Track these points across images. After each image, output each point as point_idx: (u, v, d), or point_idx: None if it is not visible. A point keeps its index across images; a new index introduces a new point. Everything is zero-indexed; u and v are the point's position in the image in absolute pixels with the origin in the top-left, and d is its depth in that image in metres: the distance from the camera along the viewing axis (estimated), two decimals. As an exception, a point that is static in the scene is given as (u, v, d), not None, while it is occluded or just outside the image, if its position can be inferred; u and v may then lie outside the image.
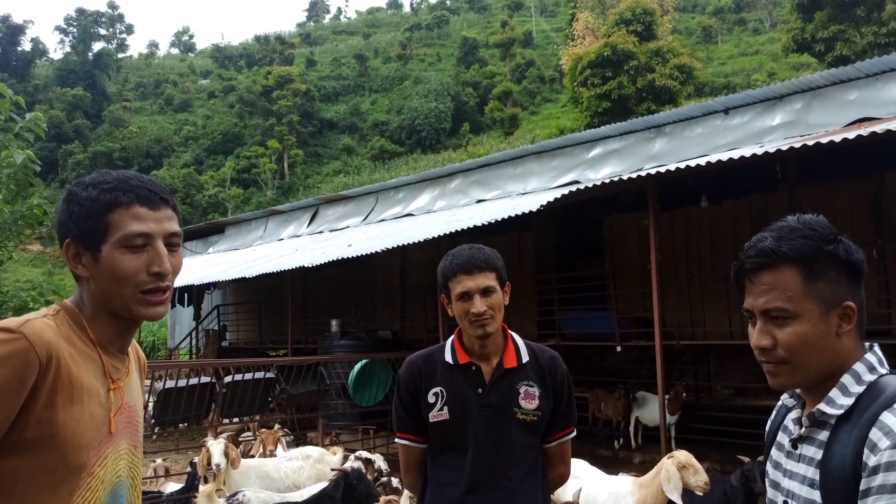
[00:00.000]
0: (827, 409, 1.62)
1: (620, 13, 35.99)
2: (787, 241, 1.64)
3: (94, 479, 1.66)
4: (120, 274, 1.69)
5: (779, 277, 1.63)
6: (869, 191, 10.38)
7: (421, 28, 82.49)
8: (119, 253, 1.69)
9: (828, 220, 1.70)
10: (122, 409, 1.77)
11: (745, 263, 1.70)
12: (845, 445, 1.56)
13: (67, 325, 1.69)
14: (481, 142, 51.74)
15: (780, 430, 1.83)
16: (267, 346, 19.06)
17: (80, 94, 65.14)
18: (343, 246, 12.13)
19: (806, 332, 1.61)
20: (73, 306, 1.75)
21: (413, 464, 2.94)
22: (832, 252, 1.63)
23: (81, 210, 1.70)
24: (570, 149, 12.27)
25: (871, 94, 8.96)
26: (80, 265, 1.72)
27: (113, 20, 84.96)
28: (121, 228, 1.69)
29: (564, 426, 2.91)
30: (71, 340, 1.66)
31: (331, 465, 7.78)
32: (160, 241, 1.74)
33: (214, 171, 56.50)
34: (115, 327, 1.77)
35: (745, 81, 44.21)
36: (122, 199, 1.71)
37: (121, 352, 1.81)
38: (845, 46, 27.47)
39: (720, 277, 11.37)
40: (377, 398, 12.38)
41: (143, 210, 1.73)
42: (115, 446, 1.73)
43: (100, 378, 1.71)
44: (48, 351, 1.57)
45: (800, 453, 1.70)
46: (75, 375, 1.62)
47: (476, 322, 2.70)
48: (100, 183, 1.74)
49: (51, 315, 1.69)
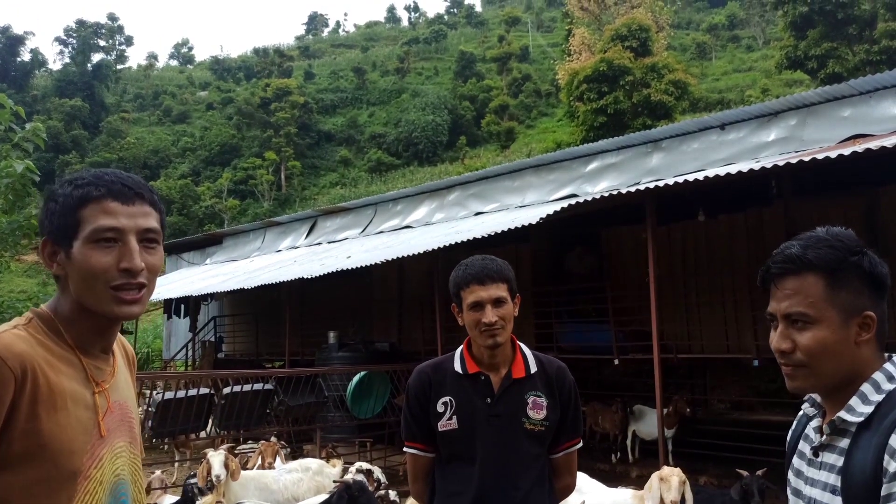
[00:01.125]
0: (847, 417, 1.65)
1: (616, 29, 36.17)
2: (814, 250, 1.68)
3: (91, 482, 1.64)
4: (89, 270, 1.64)
5: (803, 283, 1.67)
6: (863, 206, 10.46)
7: (419, 42, 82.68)
8: (88, 248, 1.65)
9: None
10: (111, 409, 1.74)
11: (772, 268, 1.74)
12: (866, 452, 1.59)
13: (42, 331, 1.66)
14: (478, 155, 51.79)
15: (802, 439, 1.86)
16: (263, 357, 19.02)
17: (78, 105, 65.06)
18: (342, 258, 12.16)
19: (825, 338, 1.65)
20: (47, 312, 1.71)
21: (421, 473, 2.95)
22: (856, 263, 1.66)
23: (56, 206, 1.68)
24: (568, 162, 12.35)
25: (864, 111, 9.06)
26: (56, 263, 1.69)
27: (113, 32, 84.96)
28: (91, 223, 1.65)
29: (571, 437, 2.93)
30: (47, 347, 1.63)
31: (330, 477, 7.78)
32: (132, 236, 1.68)
33: (211, 182, 56.48)
34: (94, 327, 1.72)
35: (738, 97, 44.39)
36: (93, 193, 1.67)
37: (103, 352, 1.78)
38: (838, 64, 27.68)
39: (717, 291, 11.43)
40: (375, 410, 12.37)
41: (114, 204, 1.68)
42: (109, 446, 1.71)
43: (83, 382, 1.68)
44: (21, 363, 1.54)
45: (821, 461, 1.73)
46: (54, 382, 1.59)
47: (487, 332, 2.73)
48: (75, 179, 1.71)
49: (22, 325, 1.65)
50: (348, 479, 6.35)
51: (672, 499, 5.59)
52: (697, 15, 73.95)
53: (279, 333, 16.74)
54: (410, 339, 15.81)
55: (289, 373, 12.30)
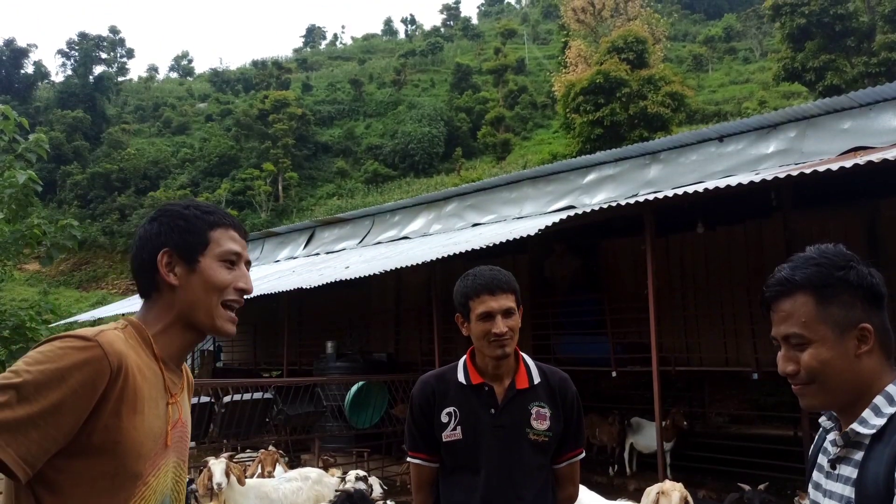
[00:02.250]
0: (860, 429, 1.67)
1: (613, 41, 36.24)
2: (801, 270, 1.72)
3: (147, 488, 1.74)
4: (214, 283, 1.87)
5: (794, 304, 1.71)
6: (863, 218, 10.46)
7: (415, 54, 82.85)
8: (217, 265, 1.89)
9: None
10: (178, 423, 1.87)
11: (766, 293, 1.79)
12: (879, 463, 1.60)
13: (134, 338, 1.79)
14: (474, 166, 51.83)
15: (821, 453, 1.88)
16: (261, 367, 19.03)
17: (79, 117, 65.28)
18: (340, 268, 12.16)
19: (822, 355, 1.68)
20: (139, 322, 1.85)
21: (425, 483, 2.95)
22: (842, 278, 1.69)
23: (187, 224, 1.90)
24: (566, 174, 12.35)
25: (864, 124, 9.04)
26: (172, 273, 1.86)
27: (114, 44, 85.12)
28: (221, 245, 1.91)
29: (574, 447, 2.95)
30: (137, 353, 1.76)
31: (329, 486, 7.78)
32: (243, 263, 1.98)
33: (210, 192, 56.46)
34: (183, 341, 1.91)
35: (735, 109, 44.52)
36: (223, 221, 1.96)
37: (178, 367, 1.93)
38: (836, 76, 27.70)
39: (716, 303, 11.41)
40: (373, 420, 12.37)
41: (236, 234, 1.98)
42: (167, 459, 1.81)
43: (160, 391, 1.80)
44: (119, 360, 1.66)
45: (838, 473, 1.74)
46: (140, 386, 1.71)
47: (496, 342, 2.73)
48: (199, 206, 1.97)
49: (120, 328, 1.78)
50: (350, 489, 6.33)
51: None
52: (694, 27, 74.19)
53: (277, 343, 16.74)
54: (408, 349, 15.80)
55: (288, 382, 12.31)
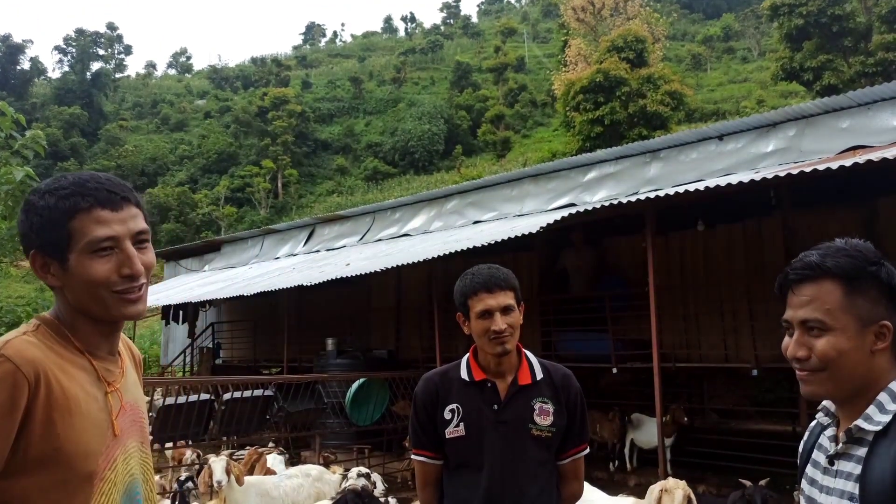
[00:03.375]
0: (865, 426, 1.67)
1: (612, 40, 36.36)
2: (832, 258, 1.71)
3: (105, 483, 1.66)
4: (91, 280, 1.65)
5: (820, 290, 1.70)
6: (862, 217, 10.48)
7: (415, 52, 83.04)
8: (87, 259, 1.65)
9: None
10: (124, 409, 1.76)
11: (790, 275, 1.77)
12: (885, 460, 1.60)
13: (51, 337, 1.67)
14: (474, 164, 51.99)
15: (816, 449, 1.87)
16: (261, 364, 19.05)
17: (77, 113, 65.53)
18: (341, 265, 12.17)
19: (840, 345, 1.67)
20: (52, 318, 1.72)
21: (429, 480, 2.96)
22: (874, 273, 1.69)
23: (41, 220, 1.66)
24: (566, 172, 12.36)
25: (863, 123, 9.06)
26: (49, 275, 1.69)
27: (112, 41, 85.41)
28: (85, 235, 1.65)
29: (578, 443, 2.94)
30: (57, 352, 1.64)
31: (330, 483, 7.81)
32: (128, 241, 1.69)
33: (209, 189, 56.71)
34: (98, 331, 1.74)
35: (734, 108, 44.68)
36: (81, 204, 1.65)
37: (110, 354, 1.79)
38: (833, 76, 27.83)
39: (715, 300, 11.47)
40: (374, 417, 12.41)
41: (105, 213, 1.67)
42: (123, 447, 1.73)
43: (95, 384, 1.69)
44: (34, 369, 1.55)
45: (836, 469, 1.74)
46: (67, 387, 1.60)
47: (496, 339, 2.75)
48: (56, 189, 1.68)
49: (31, 331, 1.66)
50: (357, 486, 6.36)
51: None
52: (693, 26, 74.43)
53: (277, 340, 16.75)
54: (408, 347, 15.83)
55: (288, 379, 12.34)
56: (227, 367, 19.25)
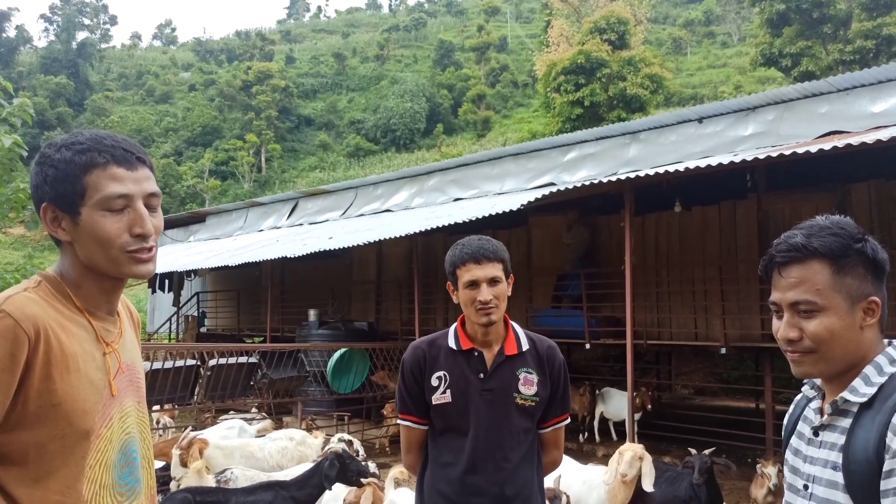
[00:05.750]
0: (850, 397, 1.69)
1: (595, 22, 36.40)
2: (818, 238, 1.70)
3: (102, 440, 1.68)
4: (102, 236, 1.66)
5: (808, 271, 1.70)
6: (835, 201, 10.53)
7: (399, 29, 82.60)
8: (100, 215, 1.66)
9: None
10: (121, 370, 1.77)
11: (776, 257, 1.76)
12: (869, 430, 1.63)
13: (51, 294, 1.68)
14: (454, 143, 52.03)
15: (801, 421, 1.90)
16: (244, 332, 19.28)
17: (63, 83, 64.91)
18: (324, 238, 12.33)
19: (833, 325, 1.68)
20: (55, 275, 1.72)
21: (414, 444, 3.05)
22: (860, 250, 1.69)
23: (56, 172, 1.66)
24: (547, 151, 12.50)
25: (841, 108, 9.17)
26: (60, 229, 1.70)
27: (97, 10, 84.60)
28: (99, 190, 1.66)
29: (559, 413, 3.02)
30: (57, 310, 1.65)
31: (312, 447, 7.96)
32: (140, 201, 1.71)
33: (193, 162, 56.46)
34: (102, 289, 1.75)
35: (712, 93, 44.81)
36: (97, 159, 1.67)
37: (109, 314, 1.80)
38: (811, 62, 27.96)
39: (688, 281, 11.71)
40: (354, 386, 12.72)
41: (120, 171, 1.69)
42: (119, 406, 1.74)
43: (93, 343, 1.71)
44: (35, 325, 1.56)
45: (821, 440, 1.77)
46: (66, 344, 1.62)
47: (482, 310, 2.81)
48: (73, 144, 1.69)
49: (32, 287, 1.67)
50: (338, 448, 6.58)
51: (622, 471, 5.82)
52: (675, 10, 74.29)
53: (260, 310, 16.99)
54: (388, 319, 16.10)
55: (272, 347, 12.60)
56: (211, 335, 19.44)
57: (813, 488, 1.76)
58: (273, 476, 6.66)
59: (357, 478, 6.04)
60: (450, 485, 2.86)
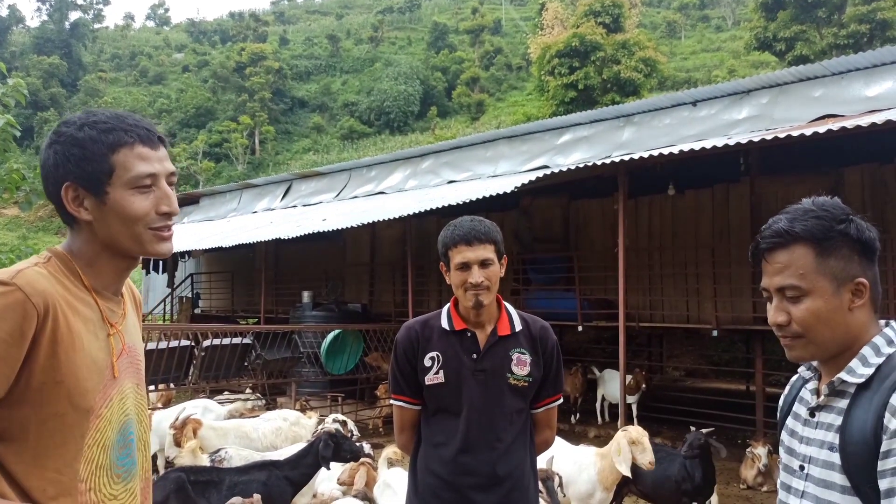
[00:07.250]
0: (847, 378, 1.69)
1: (590, 4, 36.35)
2: (800, 222, 1.70)
3: (101, 420, 1.68)
4: (130, 215, 1.67)
5: (792, 256, 1.70)
6: (828, 185, 10.53)
7: (393, 11, 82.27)
8: (129, 194, 1.67)
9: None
10: (124, 351, 1.77)
11: (761, 244, 1.77)
12: (866, 411, 1.63)
13: (60, 271, 1.68)
14: (448, 126, 51.90)
15: (797, 402, 1.90)
16: (238, 314, 19.34)
17: (56, 63, 64.60)
18: (317, 220, 12.33)
19: (818, 308, 1.68)
20: (64, 253, 1.71)
21: (407, 425, 3.04)
22: (843, 231, 1.68)
23: (83, 152, 1.65)
24: (541, 134, 12.53)
25: (835, 92, 9.19)
26: (82, 208, 1.68)
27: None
28: (129, 170, 1.66)
29: (552, 393, 3.01)
30: (65, 287, 1.65)
31: (306, 428, 8.00)
32: (164, 180, 1.73)
33: (187, 143, 56.25)
34: (115, 268, 1.76)
35: (706, 77, 44.72)
36: (125, 138, 1.67)
37: (115, 294, 1.80)
38: (805, 46, 27.97)
39: (680, 263, 11.76)
40: (347, 367, 12.77)
41: (146, 150, 1.70)
42: (119, 388, 1.74)
43: (98, 324, 1.71)
44: (44, 300, 1.56)
45: (817, 421, 1.76)
46: (72, 322, 1.62)
47: (472, 291, 2.80)
48: (95, 123, 1.68)
49: (42, 262, 1.66)
50: (331, 428, 6.62)
51: (649, 460, 5.75)
52: (670, -7, 74.11)
53: (254, 291, 17.00)
54: (381, 301, 16.13)
55: (266, 328, 12.64)
56: (205, 316, 19.48)
57: (809, 469, 1.76)
58: (267, 456, 6.65)
59: (351, 457, 6.09)
60: (443, 465, 2.86)
